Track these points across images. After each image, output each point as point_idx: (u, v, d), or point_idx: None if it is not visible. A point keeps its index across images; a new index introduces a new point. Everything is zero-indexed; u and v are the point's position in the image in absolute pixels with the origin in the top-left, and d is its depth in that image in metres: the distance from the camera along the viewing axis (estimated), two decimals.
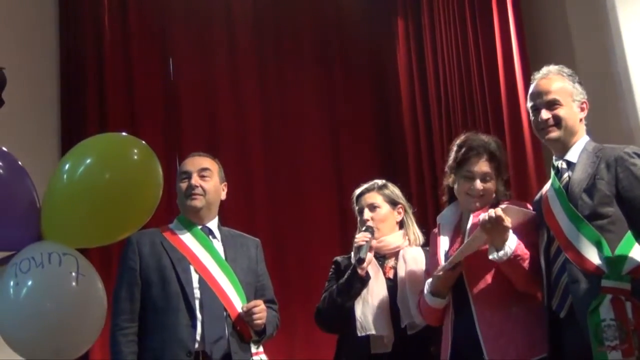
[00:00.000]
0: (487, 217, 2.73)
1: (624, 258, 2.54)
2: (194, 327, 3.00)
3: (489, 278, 2.89)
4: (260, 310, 3.08)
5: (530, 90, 2.91)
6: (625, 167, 2.64)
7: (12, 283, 2.40)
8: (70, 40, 5.10)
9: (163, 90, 5.31)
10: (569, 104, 2.80)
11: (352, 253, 3.22)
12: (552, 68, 2.89)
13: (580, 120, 2.84)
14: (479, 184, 2.98)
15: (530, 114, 2.91)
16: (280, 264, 5.05)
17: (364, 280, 3.16)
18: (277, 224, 5.31)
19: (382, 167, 5.48)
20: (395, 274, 3.23)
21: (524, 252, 2.78)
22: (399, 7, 5.60)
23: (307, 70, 5.63)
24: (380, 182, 3.41)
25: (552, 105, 2.79)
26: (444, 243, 3.05)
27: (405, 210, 3.38)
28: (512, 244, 2.75)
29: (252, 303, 3.09)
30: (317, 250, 5.09)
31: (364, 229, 3.23)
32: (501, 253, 2.74)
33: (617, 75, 4.31)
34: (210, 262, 3.13)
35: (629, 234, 2.60)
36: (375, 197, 3.33)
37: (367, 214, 3.29)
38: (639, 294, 2.50)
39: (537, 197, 2.96)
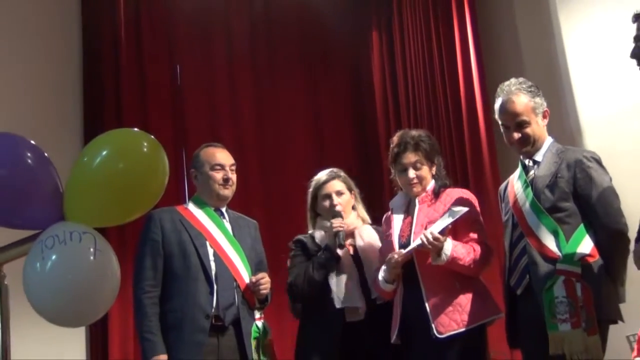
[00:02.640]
0: (426, 241, 2.74)
1: (576, 246, 2.58)
2: (212, 294, 3.01)
3: None
4: (266, 282, 3.10)
5: (498, 106, 2.82)
6: (582, 169, 2.66)
7: (38, 257, 2.40)
8: (90, 53, 5.06)
9: (171, 92, 5.28)
10: (534, 119, 2.75)
11: (328, 237, 3.17)
12: (514, 85, 2.80)
13: (543, 126, 2.81)
14: (411, 173, 2.99)
15: (501, 128, 2.85)
16: (271, 238, 5.00)
17: (338, 260, 3.15)
18: (268, 203, 5.28)
19: (358, 156, 5.53)
20: (356, 250, 3.21)
21: (462, 253, 2.80)
22: (373, 22, 5.66)
23: (294, 74, 5.62)
24: (337, 170, 3.34)
25: (520, 125, 2.75)
26: (396, 225, 3.03)
27: (355, 195, 3.35)
28: (448, 249, 2.78)
29: (260, 275, 3.10)
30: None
31: (336, 215, 3.18)
32: (439, 260, 2.78)
33: (560, 76, 4.31)
34: (222, 238, 3.14)
35: (581, 226, 2.63)
36: (340, 185, 3.27)
37: (336, 199, 3.22)
38: (587, 277, 2.54)
39: (503, 185, 2.95)
